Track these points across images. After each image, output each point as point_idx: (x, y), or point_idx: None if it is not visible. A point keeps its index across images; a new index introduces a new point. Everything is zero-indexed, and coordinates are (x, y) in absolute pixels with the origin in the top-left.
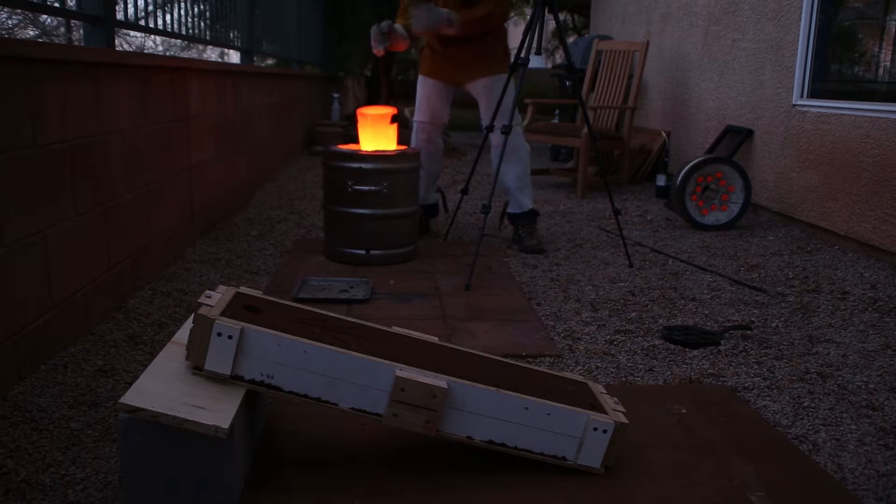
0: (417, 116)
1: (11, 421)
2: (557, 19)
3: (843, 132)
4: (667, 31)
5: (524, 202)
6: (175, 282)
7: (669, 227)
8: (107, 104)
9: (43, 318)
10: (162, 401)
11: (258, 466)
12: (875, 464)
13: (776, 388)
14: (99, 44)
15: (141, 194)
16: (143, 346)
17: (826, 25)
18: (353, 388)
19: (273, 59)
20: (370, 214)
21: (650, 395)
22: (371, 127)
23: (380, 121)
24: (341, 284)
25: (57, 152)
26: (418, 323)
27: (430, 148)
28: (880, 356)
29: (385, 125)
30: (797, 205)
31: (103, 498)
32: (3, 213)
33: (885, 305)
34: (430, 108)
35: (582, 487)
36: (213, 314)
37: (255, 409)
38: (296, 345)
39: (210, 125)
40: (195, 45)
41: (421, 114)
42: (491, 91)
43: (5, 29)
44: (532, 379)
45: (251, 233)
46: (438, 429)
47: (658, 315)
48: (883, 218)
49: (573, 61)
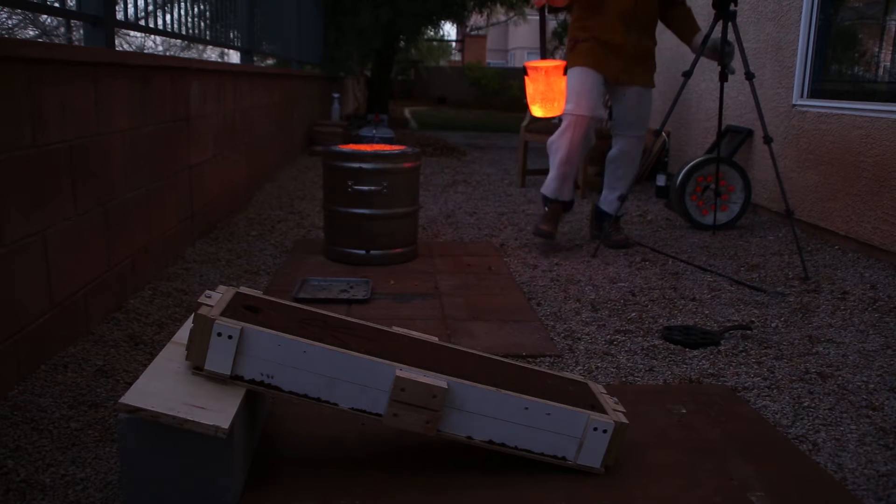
0: (575, 110)
1: (11, 421)
2: None
3: (843, 132)
4: (667, 31)
5: (619, 206)
6: (175, 282)
7: (669, 227)
8: (107, 104)
9: (43, 318)
10: (162, 401)
11: (258, 466)
12: (875, 464)
13: (776, 388)
14: (99, 44)
15: (141, 194)
16: (143, 346)
17: (826, 25)
18: (353, 388)
19: (273, 59)
20: (370, 214)
21: (650, 395)
22: (544, 82)
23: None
24: (341, 284)
25: (57, 152)
26: (418, 323)
27: (586, 145)
28: (880, 356)
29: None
30: (797, 205)
31: (103, 498)
32: (3, 213)
33: (885, 305)
34: (591, 102)
35: (582, 487)
36: (213, 314)
37: (255, 409)
38: (296, 345)
39: (210, 125)
40: (195, 45)
41: (580, 108)
42: (640, 102)
43: (5, 29)
44: (532, 379)
45: (251, 233)
46: (438, 429)
47: (658, 315)
48: (883, 218)
49: None
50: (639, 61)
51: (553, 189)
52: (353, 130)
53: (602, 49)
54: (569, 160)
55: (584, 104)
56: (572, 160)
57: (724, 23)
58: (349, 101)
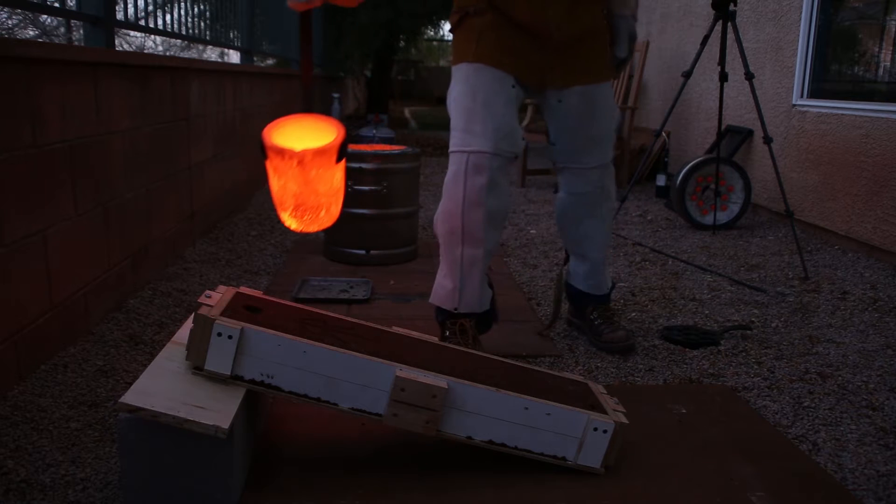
0: (465, 144)
1: (11, 421)
2: None
3: (843, 132)
4: (667, 31)
5: (607, 277)
6: (175, 282)
7: (669, 227)
8: (107, 104)
9: (43, 318)
10: (162, 401)
11: (258, 466)
12: (875, 464)
13: (776, 388)
14: (99, 44)
15: (141, 194)
16: (143, 346)
17: (826, 25)
18: (353, 388)
19: (273, 59)
20: (370, 214)
21: (650, 395)
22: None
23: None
24: (341, 284)
25: (57, 152)
26: (418, 323)
27: (498, 202)
28: (880, 356)
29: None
30: (797, 205)
31: (103, 498)
32: (3, 213)
33: (885, 305)
34: (494, 125)
35: (582, 487)
36: (213, 314)
37: (255, 409)
38: (296, 345)
39: (210, 125)
40: (195, 45)
41: (475, 138)
42: (591, 111)
43: (5, 29)
44: (532, 379)
45: (251, 233)
46: (438, 429)
47: (658, 315)
48: (883, 218)
49: None
50: (574, 47)
51: (448, 292)
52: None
53: (509, 29)
54: (469, 235)
55: (480, 130)
56: (474, 233)
57: (723, 23)
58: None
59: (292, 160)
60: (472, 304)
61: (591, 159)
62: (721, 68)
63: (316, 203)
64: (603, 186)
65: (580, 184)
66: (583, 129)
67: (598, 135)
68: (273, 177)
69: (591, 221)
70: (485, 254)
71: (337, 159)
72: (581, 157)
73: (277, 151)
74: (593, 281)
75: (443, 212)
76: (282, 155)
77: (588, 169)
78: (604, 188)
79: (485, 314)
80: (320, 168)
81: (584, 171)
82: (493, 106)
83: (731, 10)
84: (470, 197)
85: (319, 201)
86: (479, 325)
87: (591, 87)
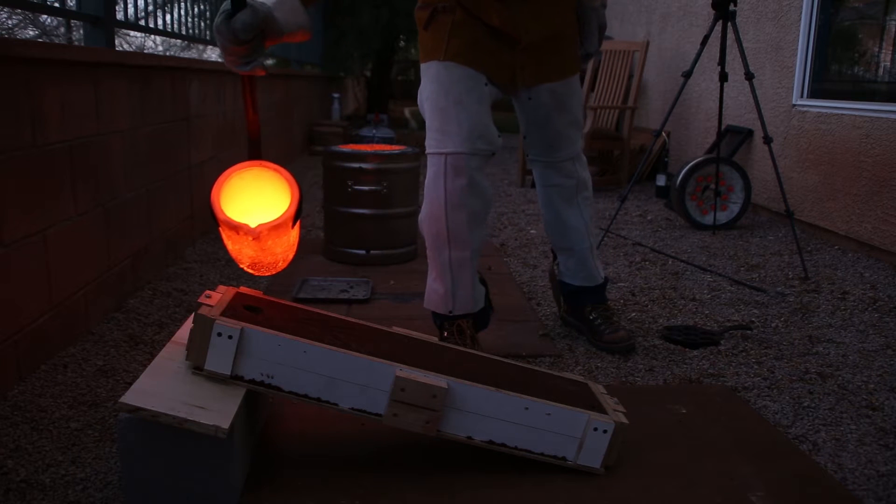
0: (441, 145)
1: (11, 421)
2: None
3: (843, 132)
4: (667, 31)
5: (598, 268)
6: (175, 282)
7: (669, 227)
8: (107, 104)
9: (43, 318)
10: (162, 400)
11: (258, 466)
12: (875, 464)
13: (776, 388)
14: (99, 44)
15: (141, 194)
16: (143, 346)
17: (826, 25)
18: (353, 388)
19: (273, 59)
20: (370, 214)
21: (650, 395)
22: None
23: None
24: (341, 284)
25: (57, 152)
26: (418, 323)
27: (479, 202)
28: (880, 356)
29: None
30: (797, 205)
31: (103, 498)
32: (3, 213)
33: (885, 305)
34: (469, 124)
35: (582, 487)
36: (213, 314)
37: (255, 409)
38: (296, 345)
39: (210, 125)
40: (195, 45)
41: (451, 138)
42: (561, 106)
43: (5, 29)
44: (532, 379)
45: None
46: (438, 429)
47: (658, 315)
48: (883, 218)
49: None
50: (544, 47)
51: (441, 296)
52: (353, 130)
53: (480, 29)
54: (455, 237)
55: (455, 130)
56: (460, 235)
57: (723, 23)
58: (349, 101)
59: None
60: (467, 305)
61: (562, 153)
62: (721, 68)
63: (273, 260)
64: (577, 176)
65: (553, 175)
66: (552, 124)
67: (566, 128)
68: (227, 241)
69: (570, 211)
70: (472, 254)
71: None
72: (552, 150)
73: (231, 227)
74: (584, 273)
75: (427, 215)
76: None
77: (559, 162)
78: (578, 178)
79: (481, 311)
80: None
81: (556, 164)
82: (466, 105)
83: (731, 10)
84: (451, 200)
85: (276, 258)
86: (477, 323)
87: (561, 83)
